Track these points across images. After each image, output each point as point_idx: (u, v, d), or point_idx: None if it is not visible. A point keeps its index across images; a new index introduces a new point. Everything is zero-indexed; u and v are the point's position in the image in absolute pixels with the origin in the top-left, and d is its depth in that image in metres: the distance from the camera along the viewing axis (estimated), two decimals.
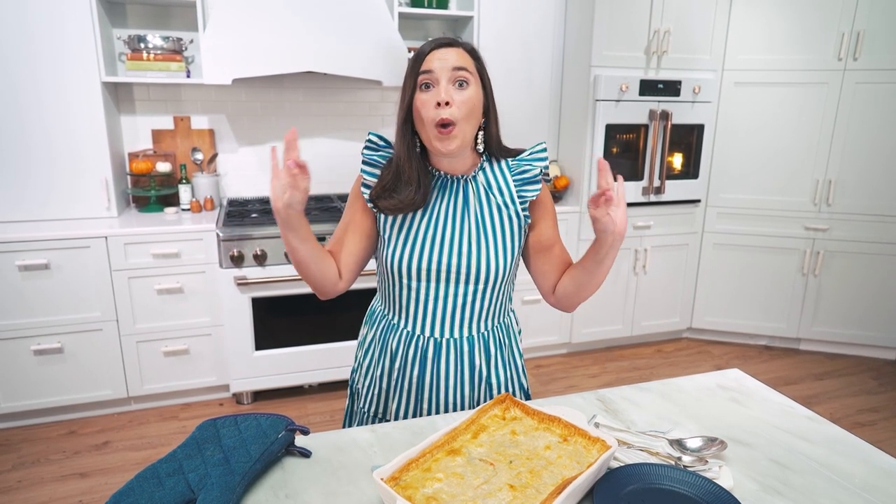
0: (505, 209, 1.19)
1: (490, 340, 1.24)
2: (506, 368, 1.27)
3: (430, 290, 1.18)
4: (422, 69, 1.09)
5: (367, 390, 1.31)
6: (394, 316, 1.24)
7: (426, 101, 1.09)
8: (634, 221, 3.38)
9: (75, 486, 2.26)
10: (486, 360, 1.23)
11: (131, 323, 2.65)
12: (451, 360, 1.21)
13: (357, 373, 1.36)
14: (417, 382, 1.22)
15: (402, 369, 1.23)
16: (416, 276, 1.17)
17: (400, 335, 1.23)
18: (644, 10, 3.13)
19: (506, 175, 1.21)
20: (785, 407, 1.20)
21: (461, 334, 1.21)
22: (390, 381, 1.25)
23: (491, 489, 0.85)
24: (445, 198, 1.19)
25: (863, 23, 3.10)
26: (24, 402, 2.58)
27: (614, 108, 3.18)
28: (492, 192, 1.20)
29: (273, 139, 3.23)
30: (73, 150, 2.64)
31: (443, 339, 1.20)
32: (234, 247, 2.62)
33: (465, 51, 1.12)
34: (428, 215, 1.18)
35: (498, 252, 1.17)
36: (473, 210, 1.18)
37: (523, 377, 1.32)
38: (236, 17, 2.62)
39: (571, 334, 3.45)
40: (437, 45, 1.11)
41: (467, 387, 1.22)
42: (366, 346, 1.32)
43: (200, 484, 0.86)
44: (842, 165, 3.28)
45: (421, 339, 1.21)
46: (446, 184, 1.19)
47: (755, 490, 0.93)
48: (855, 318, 3.44)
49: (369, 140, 1.21)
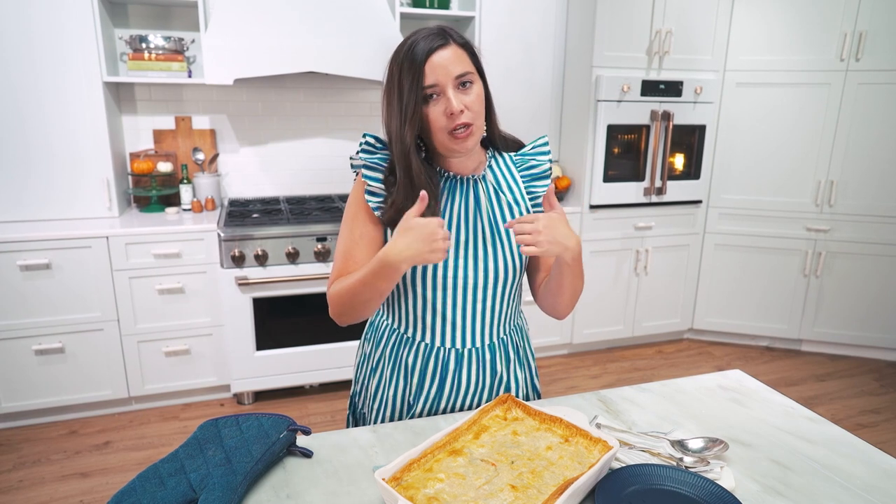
0: (516, 206, 1.17)
1: (509, 344, 1.20)
2: (523, 369, 1.24)
3: (447, 300, 1.12)
4: (425, 84, 1.03)
5: (376, 416, 1.21)
6: (407, 329, 1.16)
7: (437, 112, 1.04)
8: (636, 222, 3.38)
9: (76, 486, 2.26)
10: (507, 365, 1.20)
11: (132, 323, 2.65)
12: (473, 369, 1.16)
13: (362, 397, 1.27)
14: (435, 398, 1.16)
15: (420, 386, 1.16)
16: (431, 287, 1.11)
17: (416, 349, 1.16)
18: (646, 11, 3.13)
19: (512, 171, 1.19)
20: (786, 408, 1.20)
21: (482, 342, 1.16)
22: (405, 401, 1.17)
23: (492, 489, 0.85)
24: (457, 200, 1.13)
25: (865, 23, 3.10)
26: (24, 401, 2.59)
27: (616, 108, 3.18)
28: (501, 190, 1.16)
29: (274, 139, 3.23)
30: (74, 150, 2.65)
31: (464, 349, 1.15)
32: (236, 247, 2.62)
33: (459, 47, 1.06)
34: None
35: (514, 253, 1.14)
36: (486, 211, 1.14)
37: (536, 379, 1.30)
38: (238, 18, 2.62)
39: (572, 335, 3.45)
40: (431, 48, 1.03)
41: (486, 393, 1.18)
42: (372, 364, 1.23)
43: (202, 484, 0.86)
44: (844, 166, 3.28)
45: (441, 352, 1.15)
46: (455, 185, 1.14)
47: (756, 491, 0.93)
48: (856, 320, 3.44)
49: (366, 143, 1.13)
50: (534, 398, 1.29)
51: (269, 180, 3.26)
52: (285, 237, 2.67)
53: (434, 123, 1.05)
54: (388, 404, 1.19)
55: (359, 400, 1.28)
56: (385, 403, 1.20)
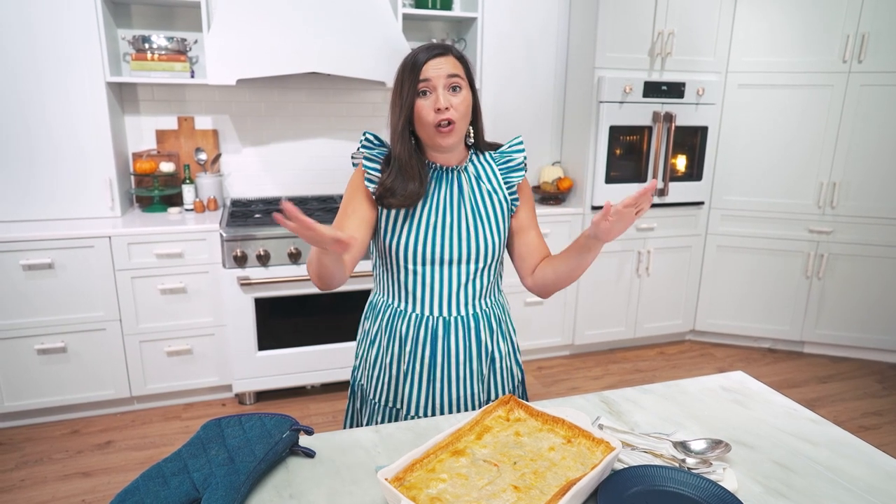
0: (494, 194, 1.33)
1: (491, 316, 1.36)
2: (505, 342, 1.39)
3: (434, 273, 1.29)
4: (420, 78, 1.21)
5: (377, 381, 1.37)
6: (399, 303, 1.33)
7: (426, 106, 1.22)
8: (638, 223, 3.38)
9: (78, 486, 2.27)
10: (490, 335, 1.35)
11: (134, 323, 2.65)
12: (461, 336, 1.31)
13: (361, 368, 1.42)
14: (430, 362, 1.31)
15: (412, 352, 1.31)
16: (421, 262, 1.28)
17: (409, 319, 1.31)
18: (648, 12, 3.13)
19: (492, 165, 1.36)
20: (788, 409, 1.20)
21: (467, 311, 1.32)
22: (400, 366, 1.32)
23: (495, 490, 0.85)
24: (442, 188, 1.31)
25: (867, 25, 3.09)
26: (27, 401, 2.59)
27: (618, 109, 3.18)
28: (481, 180, 1.33)
29: (276, 140, 3.23)
30: (77, 150, 2.65)
31: (451, 317, 1.31)
32: (238, 247, 2.62)
33: (455, 58, 1.25)
34: (429, 205, 1.29)
35: (493, 233, 1.31)
36: (468, 197, 1.31)
37: (518, 353, 1.45)
38: (240, 18, 2.63)
39: (574, 336, 3.45)
40: (431, 55, 1.22)
41: (475, 362, 1.33)
42: (370, 337, 1.39)
43: (205, 483, 0.87)
44: (846, 168, 3.28)
45: (430, 320, 1.30)
46: (442, 175, 1.31)
47: (759, 492, 0.93)
48: (859, 321, 3.44)
49: (367, 139, 1.32)
50: (517, 373, 1.43)
51: (271, 180, 3.27)
52: (287, 237, 2.68)
53: (423, 117, 1.22)
54: (386, 371, 1.35)
55: (358, 373, 1.42)
56: (383, 370, 1.35)
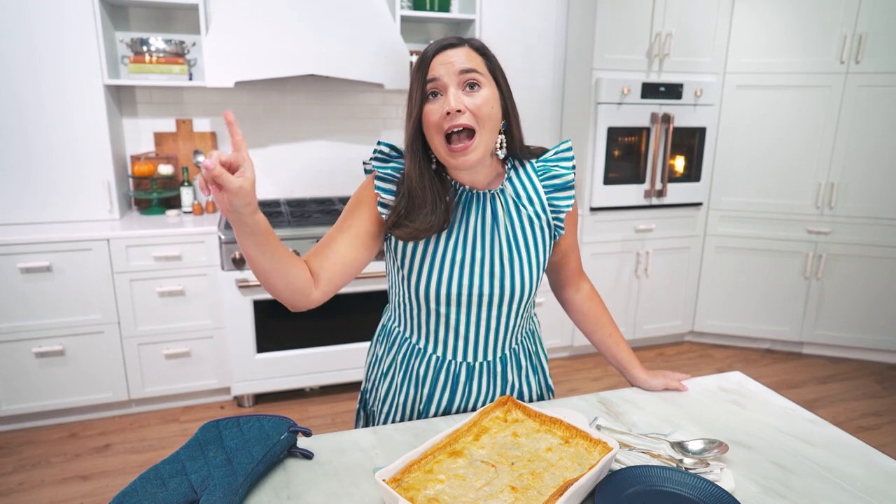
0: (536, 220, 1.11)
1: (520, 353, 1.19)
2: (535, 376, 1.23)
3: (460, 315, 1.09)
4: (427, 77, 0.98)
5: (386, 416, 1.22)
6: (418, 340, 1.14)
7: (434, 110, 0.98)
8: (636, 224, 3.38)
9: (76, 489, 2.26)
10: (519, 373, 1.19)
11: (133, 325, 2.65)
12: (485, 381, 1.14)
13: (372, 398, 1.25)
14: (446, 406, 1.16)
15: (430, 396, 1.15)
16: (444, 303, 1.08)
17: (428, 361, 1.14)
18: (646, 13, 3.14)
19: (533, 180, 1.12)
20: (786, 410, 1.20)
21: (495, 355, 1.14)
22: (416, 407, 1.17)
23: (492, 491, 0.85)
24: (473, 215, 1.08)
25: (865, 26, 3.10)
26: (25, 404, 2.58)
27: (616, 111, 3.18)
28: (521, 203, 1.10)
29: (274, 142, 3.23)
30: (75, 152, 2.65)
31: (476, 362, 1.13)
32: (236, 249, 2.62)
33: (472, 49, 1.01)
34: (455, 237, 1.07)
35: (532, 268, 1.09)
36: (503, 225, 1.08)
37: (549, 378, 1.28)
38: (238, 20, 2.63)
39: (573, 337, 3.45)
40: (441, 47, 1.00)
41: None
42: (382, 369, 1.21)
43: (203, 485, 0.86)
44: (844, 168, 3.28)
45: (453, 365, 1.13)
46: (471, 199, 1.08)
47: (756, 492, 0.93)
48: (858, 322, 3.44)
49: (379, 151, 1.09)
50: (548, 397, 1.27)
51: (269, 182, 3.27)
52: (285, 239, 2.67)
53: (431, 124, 0.99)
54: (399, 409, 1.19)
55: (370, 397, 1.27)
56: (396, 408, 1.19)
